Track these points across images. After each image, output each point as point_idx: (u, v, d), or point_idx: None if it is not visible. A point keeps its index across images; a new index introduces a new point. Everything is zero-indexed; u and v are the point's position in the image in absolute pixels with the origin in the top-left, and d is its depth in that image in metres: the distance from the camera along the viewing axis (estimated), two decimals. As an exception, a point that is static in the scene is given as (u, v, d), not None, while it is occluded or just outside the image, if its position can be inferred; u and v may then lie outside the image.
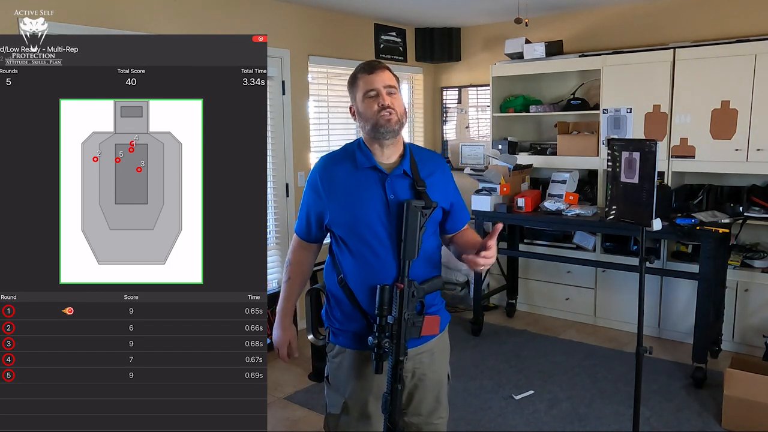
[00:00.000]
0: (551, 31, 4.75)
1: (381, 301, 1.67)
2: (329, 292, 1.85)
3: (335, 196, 1.74)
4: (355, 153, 1.76)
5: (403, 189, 1.74)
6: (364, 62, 1.78)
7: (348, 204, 1.72)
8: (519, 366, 3.82)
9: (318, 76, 4.54)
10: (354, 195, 1.72)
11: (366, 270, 1.72)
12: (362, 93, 1.72)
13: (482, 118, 5.37)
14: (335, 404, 1.83)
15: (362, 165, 1.74)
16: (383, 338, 1.65)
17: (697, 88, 3.85)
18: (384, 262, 1.71)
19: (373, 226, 1.71)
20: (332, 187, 1.74)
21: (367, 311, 1.74)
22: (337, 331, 1.82)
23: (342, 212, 1.73)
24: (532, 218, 4.21)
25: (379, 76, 1.72)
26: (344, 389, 1.81)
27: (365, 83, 1.72)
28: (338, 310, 1.81)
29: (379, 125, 1.70)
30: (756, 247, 4.00)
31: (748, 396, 2.91)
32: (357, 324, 1.76)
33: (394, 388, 1.68)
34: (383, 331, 1.66)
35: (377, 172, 1.74)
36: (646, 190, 2.65)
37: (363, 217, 1.71)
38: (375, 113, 1.70)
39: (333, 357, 1.85)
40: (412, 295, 1.69)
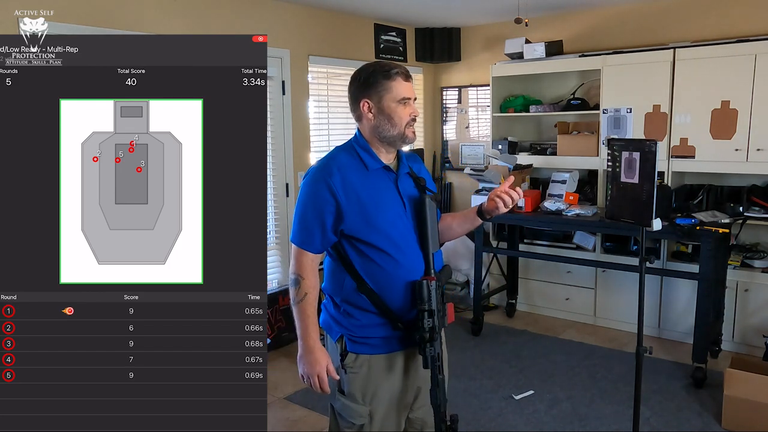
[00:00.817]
0: (551, 31, 4.74)
1: (421, 297, 1.69)
2: (344, 302, 1.78)
3: (353, 200, 1.69)
4: (360, 155, 1.75)
5: (410, 186, 1.80)
6: (393, 63, 1.77)
7: (369, 207, 1.71)
8: (519, 366, 3.82)
9: (318, 76, 4.54)
10: (373, 197, 1.72)
11: (394, 270, 1.72)
12: (397, 96, 1.72)
13: (482, 118, 5.37)
14: (360, 414, 1.77)
15: (372, 167, 1.75)
16: (426, 332, 1.68)
17: (697, 88, 3.85)
18: (411, 259, 1.74)
19: (396, 226, 1.74)
20: (348, 192, 1.69)
21: (396, 312, 1.73)
22: (360, 339, 1.76)
23: (363, 216, 1.70)
24: (532, 218, 4.21)
25: (411, 84, 1.77)
26: (369, 397, 1.78)
27: (402, 88, 1.73)
28: (361, 318, 1.75)
29: (405, 135, 1.75)
30: (756, 247, 4.00)
31: (748, 396, 2.91)
32: (383, 328, 1.75)
33: (441, 380, 1.73)
34: (426, 326, 1.68)
35: (389, 172, 1.77)
36: (646, 190, 2.65)
37: (387, 218, 1.72)
38: (406, 124, 1.74)
39: (358, 367, 1.77)
40: (438, 285, 1.73)
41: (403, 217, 1.75)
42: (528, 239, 4.74)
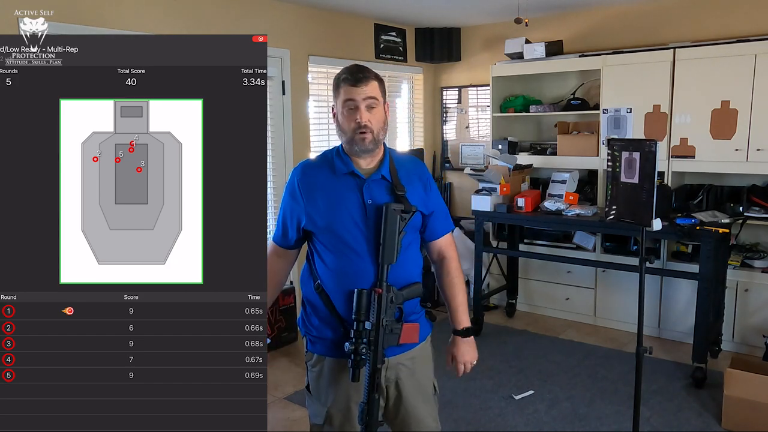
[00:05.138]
0: (551, 31, 4.75)
1: (358, 306, 1.63)
2: (306, 300, 1.82)
3: (313, 200, 1.72)
4: (333, 160, 1.75)
5: (382, 193, 1.73)
6: (350, 67, 1.71)
7: (325, 208, 1.70)
8: (519, 366, 3.82)
9: (318, 76, 4.54)
10: (331, 199, 1.71)
11: (343, 275, 1.70)
12: (342, 102, 1.68)
13: (482, 118, 5.37)
14: (318, 414, 1.79)
15: (340, 171, 1.73)
16: (360, 345, 1.61)
17: (697, 88, 3.85)
18: (361, 267, 1.69)
19: (350, 230, 1.69)
20: (310, 191, 1.72)
21: (344, 317, 1.71)
22: (315, 339, 1.78)
23: (319, 216, 1.71)
24: (532, 218, 4.21)
25: (362, 88, 1.66)
26: (326, 398, 1.78)
27: (346, 93, 1.67)
28: (315, 317, 1.78)
29: (354, 142, 1.68)
30: (756, 247, 4.00)
31: (748, 396, 2.91)
32: (334, 331, 1.74)
33: (371, 398, 1.63)
34: (360, 338, 1.61)
35: (355, 177, 1.73)
36: (646, 190, 2.65)
37: (340, 221, 1.69)
38: (352, 130, 1.67)
39: (312, 366, 1.81)
40: (391, 300, 1.66)
41: (361, 223, 1.70)
42: (528, 239, 4.74)
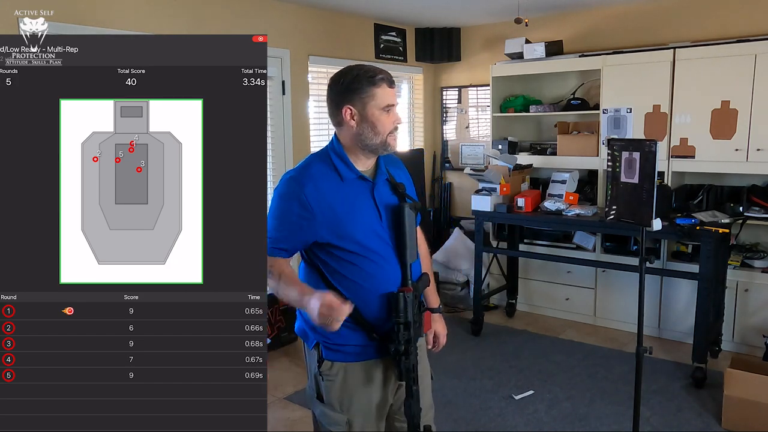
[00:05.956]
0: (551, 31, 4.75)
1: (397, 309, 1.65)
2: None
3: (327, 213, 1.65)
4: (335, 164, 1.70)
5: (387, 194, 1.74)
6: (377, 69, 1.68)
7: (343, 219, 1.67)
8: (519, 366, 3.82)
9: (318, 76, 4.54)
10: (347, 209, 1.67)
11: (369, 282, 1.69)
12: (381, 104, 1.66)
13: (482, 118, 5.37)
14: (338, 422, 1.76)
15: (347, 176, 1.70)
16: (402, 345, 1.64)
17: (697, 88, 3.85)
18: (387, 270, 1.70)
19: (372, 237, 1.69)
20: (322, 204, 1.65)
21: (371, 323, 1.71)
22: (335, 346, 1.75)
23: (338, 228, 1.66)
24: (532, 218, 4.21)
25: (395, 89, 1.70)
26: (347, 406, 1.76)
27: (387, 95, 1.66)
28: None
29: (387, 143, 1.69)
30: (756, 247, 4.00)
31: (748, 396, 2.91)
32: (359, 337, 1.72)
33: (415, 391, 1.68)
34: (403, 339, 1.65)
35: (364, 181, 1.72)
36: (646, 190, 2.65)
37: (361, 229, 1.68)
38: (389, 132, 1.68)
39: (331, 376, 1.76)
40: (415, 296, 1.69)
41: (379, 227, 1.70)
42: (528, 239, 4.74)
